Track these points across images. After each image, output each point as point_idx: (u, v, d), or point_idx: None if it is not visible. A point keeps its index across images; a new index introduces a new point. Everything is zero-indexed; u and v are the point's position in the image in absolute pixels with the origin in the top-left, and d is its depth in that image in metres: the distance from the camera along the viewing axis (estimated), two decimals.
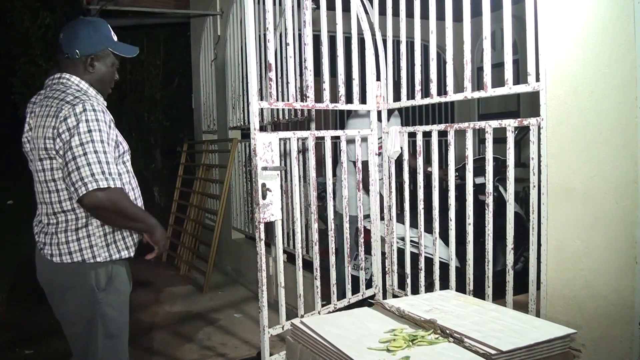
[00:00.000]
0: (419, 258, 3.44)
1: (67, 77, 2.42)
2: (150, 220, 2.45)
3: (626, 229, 2.28)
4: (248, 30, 2.86)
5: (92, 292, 2.37)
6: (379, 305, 2.62)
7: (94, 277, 2.37)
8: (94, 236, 2.37)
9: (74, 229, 2.34)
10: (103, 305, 2.39)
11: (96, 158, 2.21)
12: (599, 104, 2.36)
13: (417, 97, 3.34)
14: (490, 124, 2.90)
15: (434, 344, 2.14)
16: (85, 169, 2.18)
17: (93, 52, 2.44)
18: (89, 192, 2.17)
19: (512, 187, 2.84)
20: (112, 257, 2.41)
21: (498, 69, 2.87)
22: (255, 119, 2.88)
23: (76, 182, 2.18)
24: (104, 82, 2.52)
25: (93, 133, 2.23)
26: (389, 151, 3.59)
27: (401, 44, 3.43)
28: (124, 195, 2.31)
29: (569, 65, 2.48)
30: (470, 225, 3.03)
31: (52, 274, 2.40)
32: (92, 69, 2.45)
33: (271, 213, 2.95)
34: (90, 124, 2.24)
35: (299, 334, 2.43)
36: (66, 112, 2.24)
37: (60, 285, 2.41)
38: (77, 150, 2.20)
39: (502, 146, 2.92)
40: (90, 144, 2.21)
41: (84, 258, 2.34)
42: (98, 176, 2.19)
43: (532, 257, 2.69)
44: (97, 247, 2.37)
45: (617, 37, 2.27)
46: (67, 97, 2.30)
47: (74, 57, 2.41)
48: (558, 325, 2.25)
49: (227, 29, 6.60)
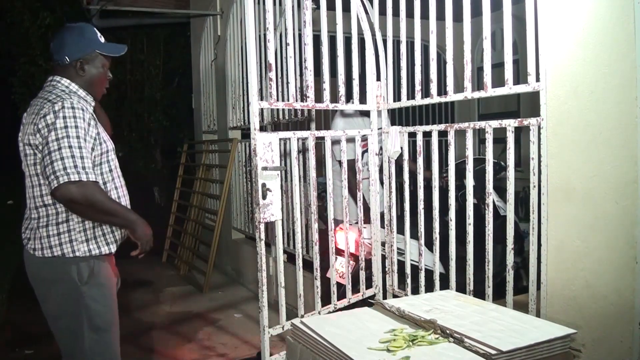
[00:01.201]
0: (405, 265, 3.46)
1: (58, 80, 2.54)
2: (129, 215, 2.48)
3: (626, 229, 2.29)
4: (248, 30, 2.86)
5: (74, 285, 2.43)
6: (379, 305, 2.62)
7: (75, 271, 2.43)
8: (74, 231, 2.43)
9: (55, 223, 2.42)
10: (86, 298, 2.44)
11: (70, 152, 2.28)
12: (599, 104, 2.36)
13: (417, 97, 3.34)
14: (491, 124, 2.90)
15: (434, 344, 2.14)
16: (58, 163, 2.26)
17: (81, 56, 2.54)
18: (60, 185, 2.24)
19: (512, 187, 2.84)
20: (91, 252, 2.46)
21: (498, 69, 2.87)
22: (255, 119, 2.88)
23: (50, 175, 2.26)
24: (96, 83, 2.62)
25: (69, 129, 2.32)
26: (389, 151, 3.59)
27: (401, 44, 3.43)
28: (97, 189, 2.35)
29: (569, 65, 2.48)
30: (471, 226, 3.03)
31: (36, 268, 2.48)
32: (82, 72, 2.55)
33: (271, 213, 2.95)
34: (67, 120, 2.32)
35: (299, 334, 2.43)
36: (46, 110, 2.34)
37: (44, 279, 2.48)
38: (53, 145, 2.28)
39: (501, 146, 2.92)
40: (65, 139, 2.30)
41: (63, 252, 2.41)
42: (70, 170, 2.26)
43: (532, 257, 2.70)
44: (76, 242, 2.43)
45: (617, 37, 2.28)
46: (51, 96, 2.41)
47: (64, 63, 2.52)
48: (558, 326, 2.25)
49: (227, 29, 6.60)
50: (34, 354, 4.37)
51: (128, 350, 2.53)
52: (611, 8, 2.30)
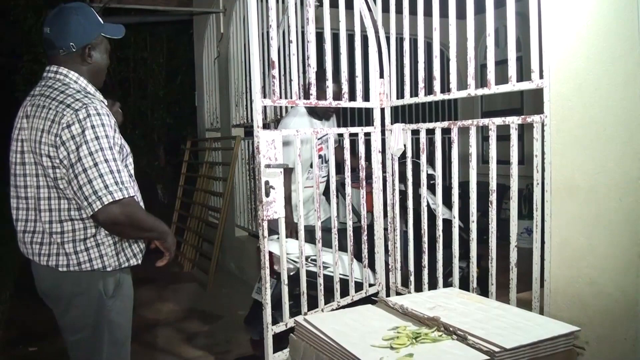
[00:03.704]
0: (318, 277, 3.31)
1: (65, 73, 2.28)
2: (162, 227, 2.36)
3: (630, 226, 2.28)
4: (251, 27, 2.86)
5: (100, 298, 2.30)
6: (382, 303, 2.62)
7: (102, 285, 2.30)
8: (102, 245, 2.27)
9: (82, 238, 2.24)
10: (111, 312, 2.33)
11: (107, 168, 2.10)
12: (603, 101, 2.35)
13: (420, 94, 3.34)
14: (494, 122, 2.89)
15: (438, 341, 2.14)
16: (98, 181, 2.07)
17: (88, 41, 2.29)
18: (104, 207, 2.07)
19: (515, 184, 2.83)
20: (121, 265, 2.33)
21: (501, 66, 2.86)
22: (258, 117, 2.88)
23: (89, 196, 2.07)
24: (101, 72, 2.40)
25: (101, 141, 2.12)
26: (392, 148, 3.58)
27: (404, 41, 3.42)
28: (137, 206, 2.22)
29: (573, 62, 2.47)
30: (474, 223, 3.03)
31: (57, 282, 2.30)
32: (90, 59, 2.31)
33: (274, 211, 2.95)
34: (97, 130, 2.12)
35: (302, 332, 2.43)
36: (69, 119, 2.11)
37: (66, 292, 2.31)
38: (87, 161, 2.08)
39: (505, 144, 2.91)
40: (99, 152, 2.10)
41: (93, 268, 2.26)
42: (112, 187, 2.08)
43: (536, 255, 2.69)
44: (107, 256, 2.28)
45: (621, 34, 2.27)
46: (68, 99, 2.16)
47: (69, 50, 2.26)
48: (561, 323, 2.26)
49: (230, 27, 6.59)
50: (37, 351, 4.39)
51: (132, 347, 2.51)
52: (614, 4, 2.29)
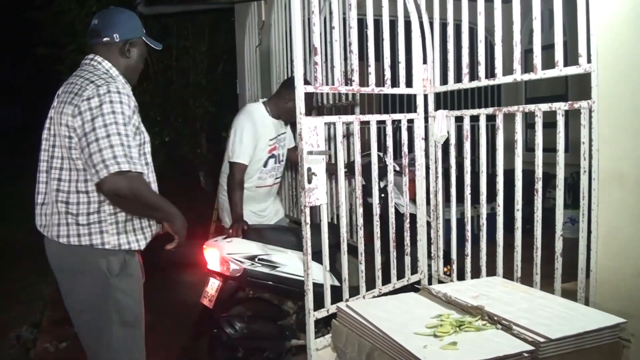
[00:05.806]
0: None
1: (99, 61, 2.45)
2: (170, 209, 2.41)
3: None
4: (294, 13, 2.86)
5: (103, 277, 2.33)
6: (425, 291, 2.62)
7: (105, 263, 2.34)
8: (105, 222, 2.33)
9: (86, 212, 2.31)
10: (116, 291, 2.36)
11: (119, 141, 2.19)
12: None
13: (464, 79, 3.29)
14: (540, 107, 2.83)
15: (482, 330, 2.13)
16: (108, 151, 2.16)
17: (131, 37, 2.49)
18: (110, 175, 2.15)
19: (562, 172, 2.78)
20: (121, 246, 2.36)
21: (545, 51, 2.80)
22: (301, 103, 2.89)
23: (97, 163, 2.16)
24: (135, 70, 2.56)
25: (117, 115, 2.23)
26: (435, 135, 3.55)
27: (448, 26, 3.37)
28: (143, 182, 2.29)
29: (620, 47, 2.40)
30: (519, 212, 2.99)
31: (60, 257, 2.38)
32: (128, 54, 2.49)
33: (316, 197, 2.96)
34: (114, 105, 2.24)
35: (345, 318, 2.44)
36: (90, 92, 2.25)
37: (68, 270, 2.38)
38: (100, 131, 2.18)
39: (547, 131, 2.85)
40: (114, 125, 2.20)
41: (92, 243, 2.31)
42: (120, 159, 2.17)
43: (582, 244, 2.64)
44: (107, 233, 2.33)
45: None
46: (93, 77, 2.32)
47: (113, 40, 2.45)
48: (607, 314, 2.21)
49: (271, 14, 6.60)
50: (67, 347, 4.38)
51: (176, 326, 2.47)
52: None
